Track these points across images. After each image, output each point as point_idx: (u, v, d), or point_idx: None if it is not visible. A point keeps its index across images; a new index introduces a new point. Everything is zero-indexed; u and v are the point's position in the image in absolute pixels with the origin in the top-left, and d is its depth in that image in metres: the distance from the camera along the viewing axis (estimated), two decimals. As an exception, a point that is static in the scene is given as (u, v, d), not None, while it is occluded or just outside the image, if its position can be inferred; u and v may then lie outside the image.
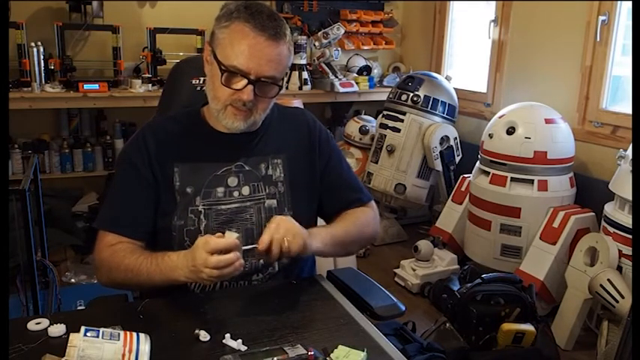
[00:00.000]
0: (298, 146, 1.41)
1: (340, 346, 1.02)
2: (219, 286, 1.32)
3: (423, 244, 3.03)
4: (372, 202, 1.49)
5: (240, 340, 1.04)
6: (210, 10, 1.29)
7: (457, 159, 3.51)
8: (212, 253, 1.09)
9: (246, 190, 1.33)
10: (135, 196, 1.32)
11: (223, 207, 1.32)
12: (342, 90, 3.83)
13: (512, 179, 2.81)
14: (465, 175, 3.30)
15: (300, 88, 3.82)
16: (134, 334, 0.96)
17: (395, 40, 4.45)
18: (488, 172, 2.91)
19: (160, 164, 1.32)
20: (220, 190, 1.32)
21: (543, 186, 2.77)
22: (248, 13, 1.22)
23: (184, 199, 1.31)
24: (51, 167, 3.44)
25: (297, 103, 3.35)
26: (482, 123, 3.44)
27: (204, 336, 1.06)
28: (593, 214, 2.71)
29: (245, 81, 1.23)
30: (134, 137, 1.40)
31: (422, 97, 3.43)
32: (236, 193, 1.33)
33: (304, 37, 3.93)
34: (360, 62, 4.26)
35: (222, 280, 1.16)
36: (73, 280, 2.95)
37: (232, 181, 1.33)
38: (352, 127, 3.90)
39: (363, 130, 3.83)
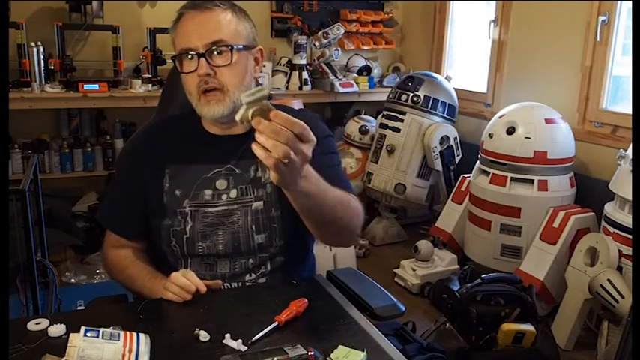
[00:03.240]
0: None
1: (340, 346, 1.02)
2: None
3: (423, 244, 3.03)
4: (356, 198, 1.30)
5: (240, 340, 1.04)
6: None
7: (457, 159, 3.51)
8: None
9: (233, 194, 1.32)
10: (126, 199, 1.39)
11: (210, 209, 1.31)
12: (342, 90, 3.83)
13: (512, 179, 2.81)
14: (465, 175, 3.30)
15: (300, 88, 3.83)
16: (134, 334, 0.96)
17: (395, 40, 4.45)
18: (488, 172, 2.91)
19: (152, 167, 1.34)
20: (208, 192, 1.31)
21: (543, 186, 2.77)
22: (185, 4, 1.28)
23: (173, 201, 1.32)
24: (51, 167, 3.44)
25: (297, 103, 3.36)
26: (482, 123, 3.44)
27: (204, 336, 1.06)
28: (593, 214, 2.71)
29: (195, 57, 1.23)
30: (130, 140, 1.46)
31: (422, 97, 3.43)
32: (224, 196, 1.31)
33: (304, 37, 3.93)
34: (360, 62, 4.26)
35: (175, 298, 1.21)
36: (73, 280, 2.96)
37: (221, 184, 1.32)
38: (352, 127, 3.90)
39: (363, 130, 3.83)
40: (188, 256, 1.33)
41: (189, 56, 1.24)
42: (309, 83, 3.88)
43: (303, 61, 3.87)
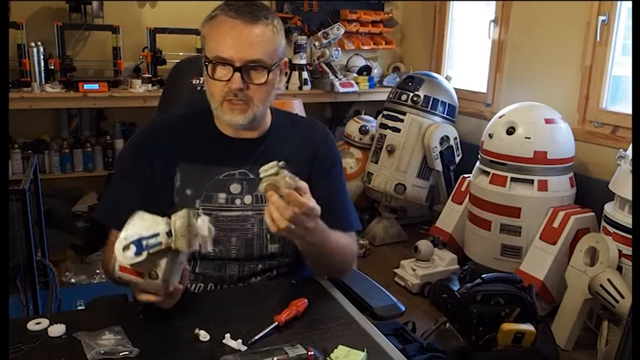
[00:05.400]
0: (305, 158, 1.36)
1: (340, 346, 1.02)
2: (220, 287, 1.32)
3: (423, 244, 3.03)
4: (354, 234, 1.39)
5: (240, 340, 1.04)
6: (210, 10, 1.29)
7: (457, 159, 3.51)
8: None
9: (248, 199, 1.30)
10: (130, 193, 1.30)
11: (224, 214, 1.29)
12: (342, 90, 3.83)
13: (512, 179, 2.81)
14: (465, 175, 3.30)
15: (300, 88, 3.82)
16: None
17: (395, 40, 4.45)
18: (488, 172, 2.91)
19: (162, 162, 1.30)
20: (222, 196, 1.29)
21: (543, 186, 2.77)
22: (226, 5, 1.24)
23: (184, 200, 1.29)
24: (51, 167, 3.44)
25: (297, 103, 3.35)
26: (482, 123, 3.44)
27: (204, 336, 1.06)
28: (593, 214, 2.71)
29: (230, 69, 1.21)
30: (141, 131, 1.39)
31: (422, 97, 3.43)
32: (238, 201, 1.30)
33: (304, 37, 3.93)
34: (360, 62, 4.26)
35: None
36: (73, 280, 2.96)
37: (235, 188, 1.30)
38: (352, 127, 3.90)
39: (363, 130, 3.83)
40: (199, 258, 1.31)
41: (223, 65, 1.22)
42: (309, 83, 3.88)
43: (303, 61, 3.87)
